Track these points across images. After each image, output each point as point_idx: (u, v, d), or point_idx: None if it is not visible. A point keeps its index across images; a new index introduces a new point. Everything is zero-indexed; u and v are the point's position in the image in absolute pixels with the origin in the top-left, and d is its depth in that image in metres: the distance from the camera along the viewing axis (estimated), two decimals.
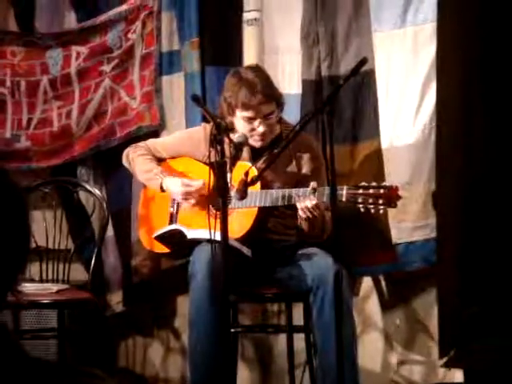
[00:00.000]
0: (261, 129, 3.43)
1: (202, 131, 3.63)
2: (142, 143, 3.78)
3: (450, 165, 3.41)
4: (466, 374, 2.94)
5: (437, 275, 3.55)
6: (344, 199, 3.17)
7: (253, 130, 3.44)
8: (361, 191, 3.19)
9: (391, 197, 3.18)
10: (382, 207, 3.18)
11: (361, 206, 3.19)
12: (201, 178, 3.52)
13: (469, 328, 2.86)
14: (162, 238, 3.52)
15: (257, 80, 3.43)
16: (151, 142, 3.81)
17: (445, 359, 2.96)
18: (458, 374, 3.52)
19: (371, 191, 3.18)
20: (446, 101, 3.45)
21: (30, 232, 1.19)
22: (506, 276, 3.13)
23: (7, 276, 1.15)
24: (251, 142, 3.47)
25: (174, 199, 3.63)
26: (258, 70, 3.56)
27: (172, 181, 3.56)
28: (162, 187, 3.58)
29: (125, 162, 3.77)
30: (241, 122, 3.46)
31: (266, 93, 3.42)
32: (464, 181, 3.38)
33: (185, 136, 3.75)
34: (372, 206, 3.18)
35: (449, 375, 3.64)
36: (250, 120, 3.44)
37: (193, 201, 3.51)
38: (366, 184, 3.20)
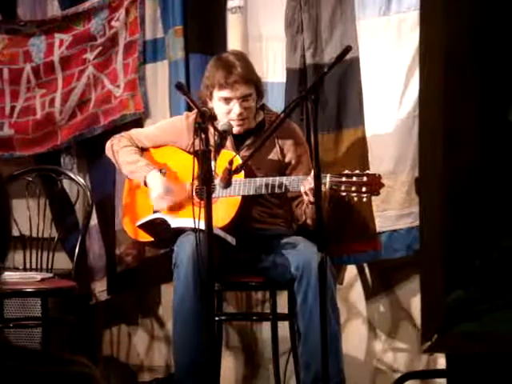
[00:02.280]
0: (236, 109, 3.43)
1: (184, 120, 3.63)
2: (124, 133, 3.77)
3: (433, 151, 3.41)
4: (449, 359, 2.95)
5: (419, 260, 3.56)
6: (327, 187, 3.17)
7: (229, 111, 3.44)
8: (344, 179, 3.19)
9: (374, 185, 3.18)
10: (365, 195, 3.18)
11: (344, 193, 3.19)
12: (184, 166, 3.52)
13: (452, 313, 2.87)
14: (145, 227, 3.52)
15: (235, 62, 3.44)
16: (134, 132, 3.80)
17: (427, 345, 2.98)
18: (442, 361, 3.55)
19: (354, 179, 3.18)
20: (429, 88, 3.45)
21: (11, 219, 1.17)
22: (489, 261, 3.14)
23: None
24: None
25: None
26: (239, 54, 3.56)
27: (156, 180, 3.54)
28: (145, 181, 3.57)
29: (109, 154, 3.76)
30: (218, 104, 3.46)
31: (243, 74, 3.42)
32: (447, 166, 3.38)
33: (167, 125, 3.75)
34: (355, 194, 3.18)
35: (432, 362, 3.66)
36: (227, 100, 3.44)
37: (165, 205, 3.51)
38: (349, 172, 3.20)
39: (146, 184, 3.57)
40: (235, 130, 3.46)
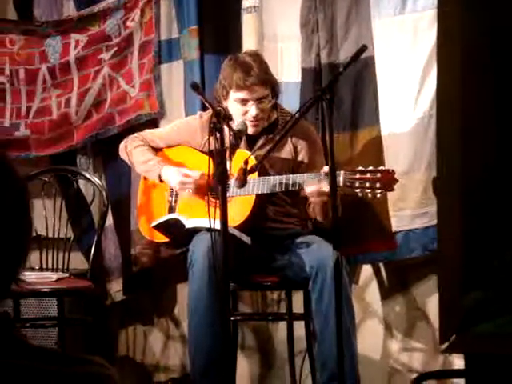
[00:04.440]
0: (253, 111, 3.43)
1: (198, 120, 3.64)
2: (137, 134, 3.78)
3: (451, 150, 3.40)
4: (467, 359, 2.93)
5: (438, 260, 3.55)
6: (341, 184, 3.16)
7: (245, 112, 3.44)
8: (358, 176, 3.18)
9: (388, 181, 3.17)
10: (379, 191, 3.18)
11: (358, 190, 3.18)
12: (198, 166, 3.52)
13: (470, 313, 2.85)
14: (160, 227, 3.52)
15: (253, 63, 3.44)
16: (147, 132, 3.81)
17: (445, 345, 2.97)
18: (458, 361, 3.53)
19: (368, 175, 3.18)
20: (447, 86, 3.44)
21: (31, 220, 1.18)
22: (508, 261, 3.12)
23: (10, 265, 1.14)
24: None
25: (172, 188, 3.63)
26: (255, 54, 3.56)
27: (170, 170, 3.56)
28: (160, 177, 3.57)
29: (122, 155, 3.77)
30: (234, 105, 3.45)
31: (260, 76, 3.41)
32: (465, 166, 3.37)
33: (181, 125, 3.75)
34: (369, 191, 3.17)
35: (448, 362, 3.65)
36: (243, 102, 3.43)
37: (190, 191, 3.51)
38: (363, 168, 3.19)
39: (160, 180, 3.58)
40: (249, 130, 3.46)
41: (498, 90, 3.34)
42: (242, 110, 3.44)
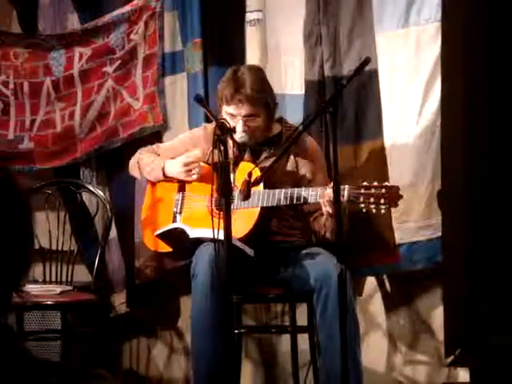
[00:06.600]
0: (239, 127, 3.43)
1: (201, 130, 3.65)
2: (148, 147, 3.81)
3: (456, 163, 3.41)
4: (473, 373, 2.93)
5: (443, 273, 3.55)
6: (345, 199, 3.16)
7: (235, 127, 3.45)
8: (362, 191, 3.18)
9: (393, 197, 3.17)
10: (383, 207, 3.17)
11: (362, 205, 3.18)
12: (203, 176, 3.53)
13: (475, 326, 2.85)
14: (164, 236, 3.52)
15: (247, 79, 3.43)
16: (155, 145, 3.84)
17: (451, 358, 2.96)
18: (462, 374, 3.52)
19: (373, 191, 3.18)
20: (451, 99, 3.45)
21: (33, 233, 1.18)
22: None
23: (12, 277, 1.14)
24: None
25: (177, 199, 3.63)
26: (255, 70, 3.54)
27: (171, 162, 3.57)
28: (164, 172, 3.59)
29: (133, 171, 3.78)
30: (226, 118, 3.47)
31: (249, 94, 3.40)
32: (470, 179, 3.37)
33: (186, 137, 3.77)
34: (373, 206, 3.17)
35: (453, 375, 3.64)
36: (232, 116, 3.44)
37: (195, 174, 3.52)
38: (368, 184, 3.19)
39: (165, 175, 3.59)
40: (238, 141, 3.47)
41: (502, 103, 3.34)
42: (231, 123, 3.45)
